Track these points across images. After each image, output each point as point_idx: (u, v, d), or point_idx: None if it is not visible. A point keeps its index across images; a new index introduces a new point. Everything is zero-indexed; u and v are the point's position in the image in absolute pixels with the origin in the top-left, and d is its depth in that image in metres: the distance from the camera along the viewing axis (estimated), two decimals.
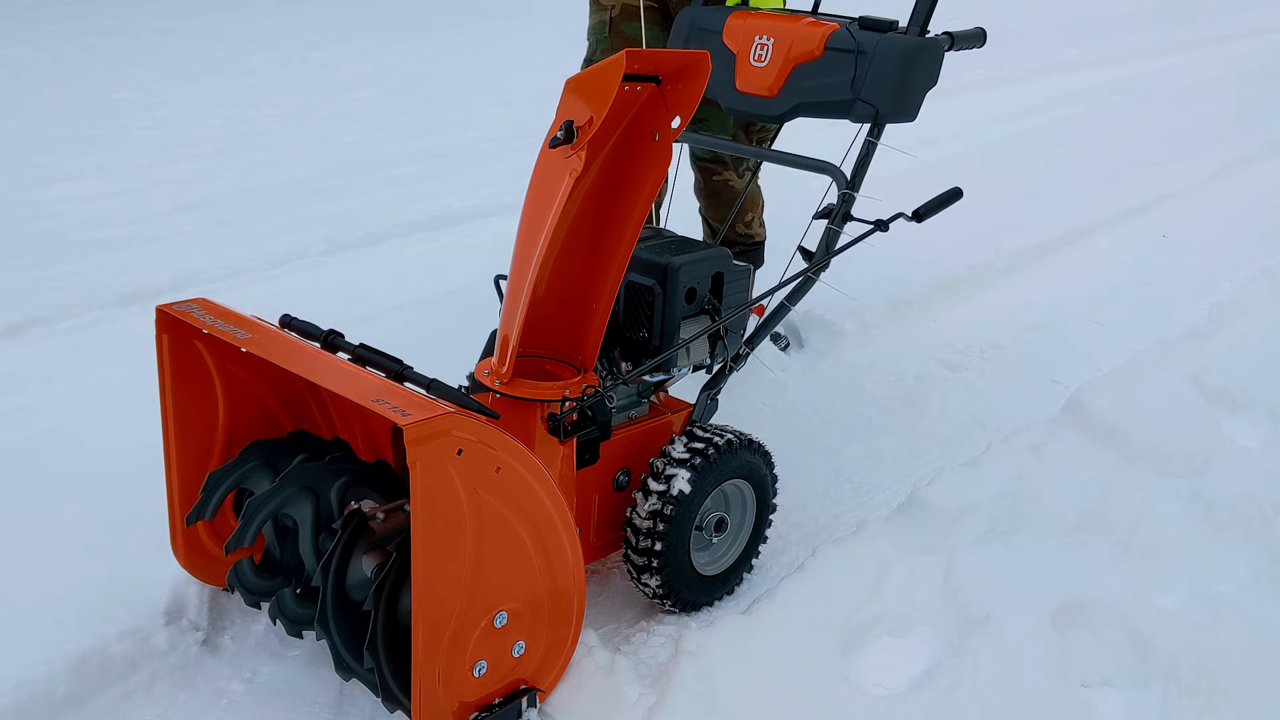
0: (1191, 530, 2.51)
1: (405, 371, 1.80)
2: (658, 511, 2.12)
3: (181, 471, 2.04)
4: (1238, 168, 5.76)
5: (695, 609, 2.29)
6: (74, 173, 5.41)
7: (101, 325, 3.55)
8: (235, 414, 2.08)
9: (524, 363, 2.05)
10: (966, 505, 2.55)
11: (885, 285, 3.81)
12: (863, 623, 2.18)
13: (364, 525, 1.86)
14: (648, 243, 2.28)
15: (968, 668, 2.05)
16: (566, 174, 1.84)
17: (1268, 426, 2.90)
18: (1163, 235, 4.66)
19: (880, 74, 2.19)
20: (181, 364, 1.99)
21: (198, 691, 2.04)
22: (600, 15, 3.02)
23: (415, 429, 1.53)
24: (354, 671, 1.83)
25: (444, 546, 1.64)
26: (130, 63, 8.39)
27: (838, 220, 2.30)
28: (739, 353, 2.35)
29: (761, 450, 2.29)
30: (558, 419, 2.02)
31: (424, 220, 4.68)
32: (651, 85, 1.93)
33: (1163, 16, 10.93)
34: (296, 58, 8.70)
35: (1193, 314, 3.71)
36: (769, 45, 2.31)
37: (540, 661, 1.90)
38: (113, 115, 6.70)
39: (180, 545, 2.09)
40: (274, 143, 6.08)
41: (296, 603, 1.99)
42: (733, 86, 2.37)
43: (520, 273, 1.94)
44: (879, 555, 2.34)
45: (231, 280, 3.94)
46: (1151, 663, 2.09)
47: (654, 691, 1.95)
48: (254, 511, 1.87)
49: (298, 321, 1.98)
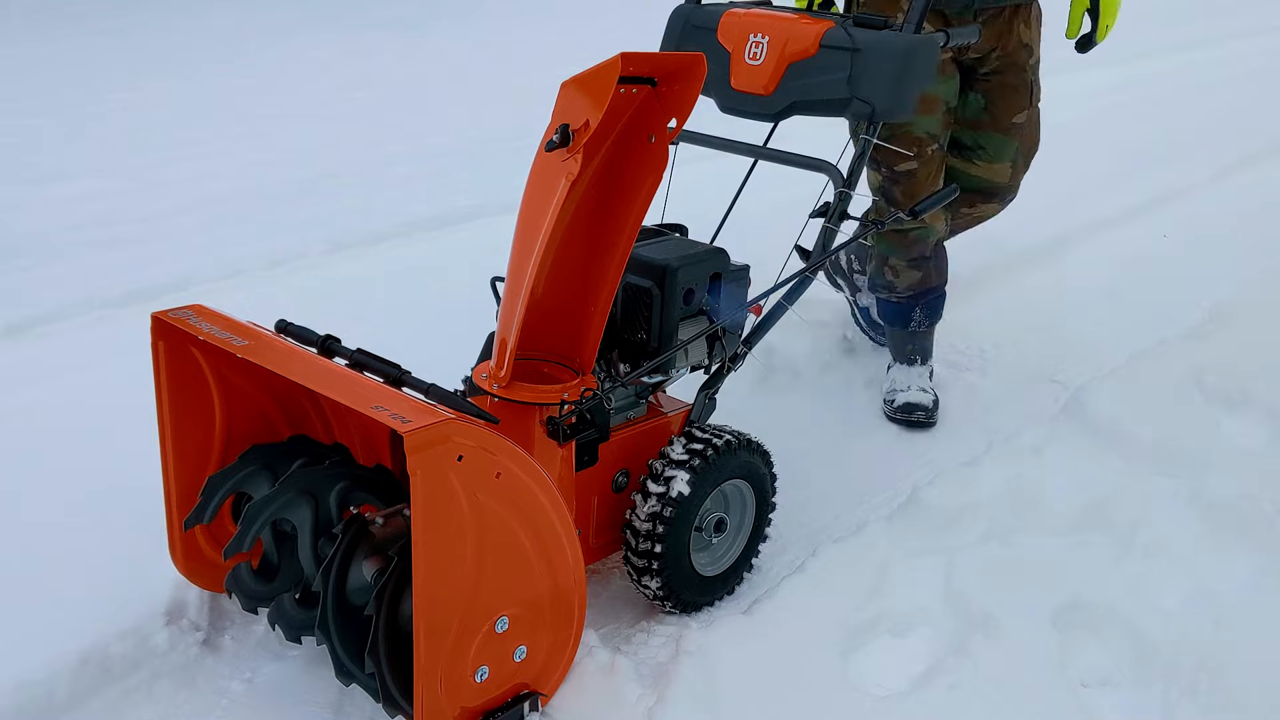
0: (1191, 530, 2.51)
1: (403, 376, 1.80)
2: (657, 513, 2.12)
3: (179, 478, 2.04)
4: (1239, 168, 5.75)
5: (696, 609, 2.29)
6: (74, 173, 5.41)
7: (101, 325, 3.54)
8: (232, 420, 2.07)
9: (522, 365, 2.05)
10: (966, 505, 2.55)
11: None
12: (863, 623, 2.18)
13: (364, 530, 1.86)
14: (645, 243, 2.28)
15: (968, 667, 2.06)
16: (563, 177, 1.84)
17: (1268, 426, 2.89)
18: (1163, 235, 4.65)
19: (876, 71, 2.19)
20: (177, 371, 1.98)
21: (198, 691, 2.05)
22: None
23: (415, 436, 1.52)
24: (354, 677, 1.83)
25: (445, 553, 1.64)
26: (130, 63, 8.39)
27: (834, 219, 2.30)
28: (737, 352, 2.35)
29: (760, 450, 2.29)
30: (556, 422, 2.02)
31: (424, 220, 4.68)
32: (647, 87, 1.93)
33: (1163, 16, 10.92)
34: (297, 57, 8.70)
35: (1193, 314, 3.71)
36: (764, 43, 2.31)
37: (542, 665, 1.90)
38: (113, 115, 6.70)
39: (178, 551, 2.09)
40: (274, 143, 6.07)
41: (295, 608, 1.99)
42: (728, 85, 2.37)
43: (517, 276, 1.94)
44: (879, 555, 2.34)
45: (231, 280, 3.94)
46: (1152, 663, 2.09)
47: (654, 691, 1.95)
48: (253, 517, 1.86)
49: (294, 327, 1.97)
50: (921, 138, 2.82)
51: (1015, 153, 2.99)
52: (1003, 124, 2.94)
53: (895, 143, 2.81)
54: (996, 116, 2.93)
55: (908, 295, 3.06)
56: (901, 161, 2.83)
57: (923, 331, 3.14)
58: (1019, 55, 2.86)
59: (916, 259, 3.00)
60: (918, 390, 3.10)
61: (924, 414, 3.06)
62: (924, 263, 3.01)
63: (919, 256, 3.00)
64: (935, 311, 3.13)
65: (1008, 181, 3.04)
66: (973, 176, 3.00)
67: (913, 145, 2.82)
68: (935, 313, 3.13)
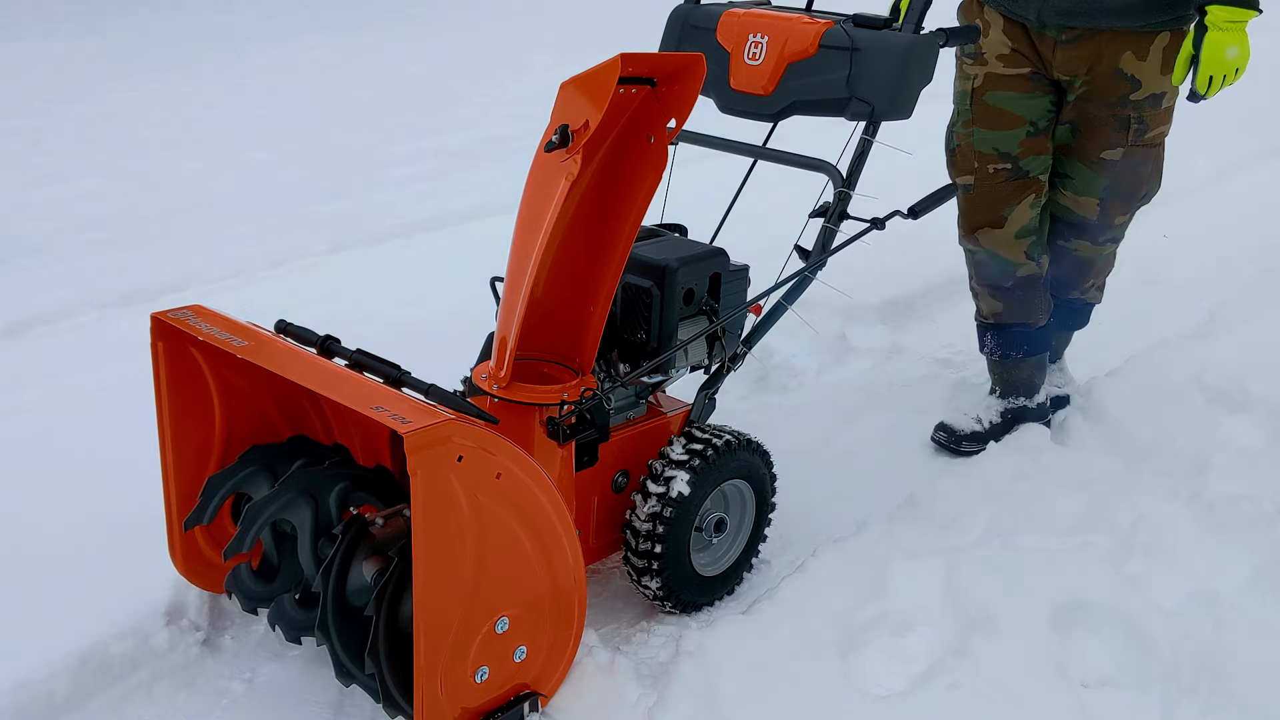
0: (1191, 530, 2.51)
1: (403, 376, 1.80)
2: (657, 514, 2.11)
3: (179, 479, 2.04)
4: (1239, 168, 5.74)
5: (696, 609, 2.29)
6: (74, 173, 5.41)
7: (101, 325, 3.55)
8: (232, 420, 2.08)
9: (521, 365, 2.05)
10: (966, 505, 2.55)
11: (884, 284, 3.80)
12: (863, 623, 2.18)
13: (364, 531, 1.86)
14: (645, 243, 2.28)
15: (968, 668, 2.05)
16: (562, 177, 1.84)
17: (1268, 426, 2.89)
18: (1163, 235, 4.65)
19: (876, 71, 2.19)
20: (177, 371, 1.99)
21: (198, 691, 2.05)
22: (964, 84, 2.73)
23: (415, 436, 1.53)
24: (354, 677, 1.83)
25: (445, 553, 1.65)
26: (130, 63, 8.39)
27: (834, 219, 2.30)
28: (736, 352, 2.35)
29: (760, 450, 2.29)
30: (556, 422, 2.02)
31: (424, 220, 4.68)
32: (647, 88, 1.93)
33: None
34: (297, 57, 8.70)
35: (1193, 314, 3.70)
36: (763, 43, 2.31)
37: (542, 666, 1.90)
38: (113, 115, 6.70)
39: (178, 552, 2.09)
40: (274, 143, 6.08)
41: (295, 609, 1.99)
42: (727, 85, 2.37)
43: (517, 276, 1.94)
44: (879, 555, 2.34)
45: (231, 280, 3.95)
46: (1152, 663, 2.09)
47: (654, 691, 1.95)
48: (252, 517, 1.86)
49: (294, 327, 1.98)
50: (984, 154, 2.67)
51: (1104, 190, 2.71)
52: (1089, 156, 2.68)
53: (957, 156, 2.72)
54: (1083, 147, 2.68)
55: (988, 321, 2.91)
56: (962, 175, 2.72)
57: (995, 360, 2.95)
58: (1113, 86, 2.57)
59: (997, 288, 2.83)
60: (964, 414, 2.98)
61: (945, 435, 2.95)
62: (1004, 294, 2.82)
63: (998, 286, 2.82)
64: (1011, 346, 2.90)
65: (1096, 219, 2.76)
66: (1060, 205, 2.78)
67: (971, 160, 2.69)
68: (1011, 347, 2.90)
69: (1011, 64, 2.64)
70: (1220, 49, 2.36)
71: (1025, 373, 2.94)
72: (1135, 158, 2.66)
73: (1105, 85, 2.57)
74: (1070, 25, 2.52)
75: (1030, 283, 2.81)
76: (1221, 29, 2.36)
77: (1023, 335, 2.89)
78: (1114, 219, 2.77)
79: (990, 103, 2.67)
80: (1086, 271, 2.93)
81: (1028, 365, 2.93)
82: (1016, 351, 2.90)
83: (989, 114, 2.67)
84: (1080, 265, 2.90)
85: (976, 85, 2.68)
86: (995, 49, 2.65)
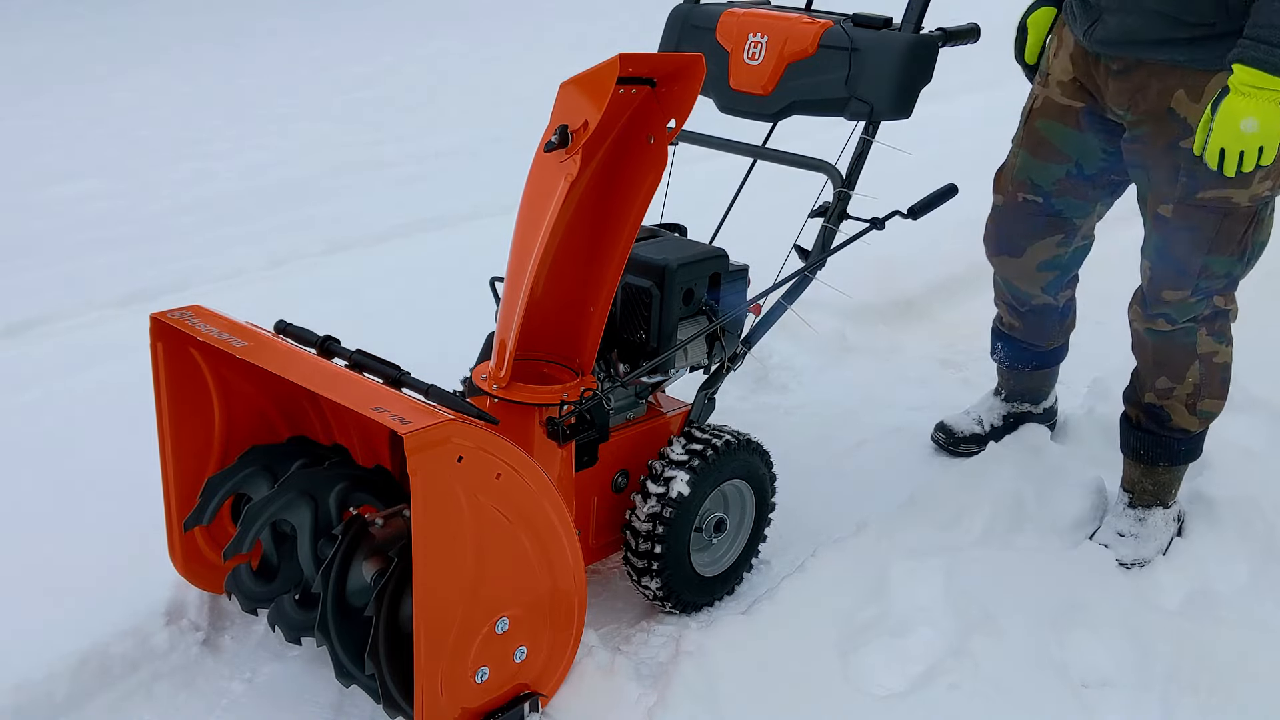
0: (1191, 530, 2.51)
1: (403, 377, 1.80)
2: (657, 514, 2.12)
3: (178, 480, 2.04)
4: None
5: (696, 610, 2.29)
6: (74, 173, 5.42)
7: (101, 325, 3.55)
8: (232, 421, 2.08)
9: (521, 365, 2.05)
10: (966, 505, 2.55)
11: (884, 284, 3.80)
12: (863, 623, 2.18)
13: (364, 531, 1.86)
14: (645, 243, 2.28)
15: (968, 668, 2.06)
16: (562, 178, 1.84)
17: (1268, 426, 2.90)
18: None
19: (875, 71, 2.19)
20: (176, 372, 1.99)
21: (198, 692, 2.05)
22: (1026, 102, 2.53)
23: (415, 437, 1.53)
24: (354, 678, 1.83)
25: (445, 554, 1.65)
26: (130, 63, 8.39)
27: (833, 219, 2.30)
28: (736, 352, 2.35)
29: (760, 450, 2.29)
30: (556, 422, 2.02)
31: (424, 220, 4.68)
32: (646, 88, 1.93)
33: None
34: (297, 57, 8.70)
35: None
36: (763, 43, 2.31)
37: (542, 666, 1.90)
38: (113, 115, 6.71)
39: (178, 552, 2.09)
40: (274, 143, 6.08)
41: (295, 609, 1.99)
42: (727, 85, 2.37)
43: (517, 276, 1.94)
44: (879, 555, 2.34)
45: (231, 280, 3.95)
46: (1152, 663, 2.09)
47: (654, 691, 1.96)
48: (252, 518, 1.86)
49: (293, 327, 1.98)
50: (1019, 180, 2.54)
51: (1155, 253, 2.33)
52: (1148, 207, 2.34)
53: (1000, 172, 2.60)
54: (1143, 195, 2.35)
55: (1001, 330, 2.86)
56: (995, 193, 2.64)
57: (1003, 369, 2.91)
58: (1164, 128, 2.21)
59: (1012, 308, 2.77)
60: (965, 414, 2.96)
61: (944, 436, 2.93)
62: (1020, 315, 2.76)
63: (1013, 308, 2.76)
64: (1020, 359, 2.84)
65: (1146, 287, 2.41)
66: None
67: (1007, 182, 2.58)
68: (1020, 360, 2.84)
69: (1069, 93, 2.41)
70: (1235, 118, 1.96)
71: (1033, 382, 2.92)
72: (1190, 219, 2.23)
73: (1156, 127, 2.22)
74: (1117, 55, 2.24)
75: (1043, 311, 2.73)
76: (1243, 94, 1.95)
77: (1033, 351, 2.84)
78: (1161, 291, 2.35)
79: (1040, 129, 2.48)
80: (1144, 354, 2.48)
81: (1036, 376, 2.90)
82: (1025, 364, 2.87)
83: (1036, 140, 2.49)
84: (1138, 343, 2.50)
85: (1035, 106, 2.49)
86: (1059, 74, 2.42)
